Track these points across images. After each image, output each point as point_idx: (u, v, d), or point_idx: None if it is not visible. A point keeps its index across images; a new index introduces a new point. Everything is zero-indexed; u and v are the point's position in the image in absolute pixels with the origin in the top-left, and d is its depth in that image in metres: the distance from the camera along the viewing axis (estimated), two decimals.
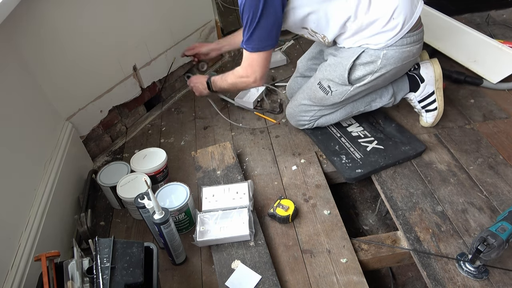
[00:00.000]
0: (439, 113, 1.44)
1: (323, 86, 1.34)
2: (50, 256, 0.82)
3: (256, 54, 1.24)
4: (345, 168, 1.34)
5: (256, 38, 1.19)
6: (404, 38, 1.20)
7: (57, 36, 1.22)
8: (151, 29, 1.57)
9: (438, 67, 1.39)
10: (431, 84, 1.39)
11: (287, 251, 1.13)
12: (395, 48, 1.21)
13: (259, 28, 1.16)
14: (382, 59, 1.22)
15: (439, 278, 1.03)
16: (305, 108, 1.43)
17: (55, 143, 1.26)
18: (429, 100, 1.42)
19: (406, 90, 1.43)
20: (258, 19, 1.14)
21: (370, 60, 1.23)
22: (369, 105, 1.43)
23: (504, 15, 2.20)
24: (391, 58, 1.22)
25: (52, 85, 1.25)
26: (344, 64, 1.26)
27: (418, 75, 1.40)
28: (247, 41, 1.21)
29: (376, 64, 1.23)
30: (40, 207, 1.09)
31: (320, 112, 1.42)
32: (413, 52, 1.25)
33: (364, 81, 1.28)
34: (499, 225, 0.98)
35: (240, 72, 1.33)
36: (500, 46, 1.65)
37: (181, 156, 1.51)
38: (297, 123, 1.49)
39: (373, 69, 1.24)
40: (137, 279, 0.77)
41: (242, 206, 1.19)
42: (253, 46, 1.22)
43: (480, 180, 1.29)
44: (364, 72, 1.25)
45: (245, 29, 1.19)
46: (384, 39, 1.19)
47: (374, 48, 1.21)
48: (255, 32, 1.17)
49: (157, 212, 0.96)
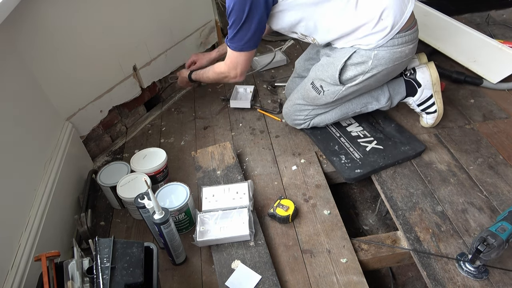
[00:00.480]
0: (439, 115, 1.44)
1: (315, 86, 1.35)
2: (50, 256, 0.82)
3: (238, 53, 1.32)
4: (344, 168, 1.34)
5: (240, 39, 1.26)
6: (395, 39, 1.20)
7: (57, 36, 1.22)
8: (151, 29, 1.57)
9: (434, 71, 1.38)
10: (428, 88, 1.39)
11: (287, 251, 1.13)
12: (386, 48, 1.21)
13: (243, 30, 1.23)
14: (373, 59, 1.22)
15: (439, 278, 1.03)
16: (299, 107, 1.44)
17: (55, 143, 1.26)
18: (428, 103, 1.42)
19: (403, 94, 1.43)
20: (243, 21, 1.20)
21: (361, 60, 1.24)
22: (365, 107, 1.43)
23: (504, 15, 2.20)
24: (382, 58, 1.22)
25: (52, 85, 1.25)
26: (336, 64, 1.27)
27: (415, 80, 1.40)
28: (231, 40, 1.28)
29: (367, 64, 1.23)
30: (40, 207, 1.09)
31: (314, 111, 1.43)
32: (405, 53, 1.24)
33: (355, 81, 1.28)
34: (499, 225, 0.98)
35: (222, 68, 1.42)
36: (500, 46, 1.65)
37: (181, 156, 1.51)
38: (293, 122, 1.50)
39: (364, 70, 1.25)
40: (137, 279, 0.77)
41: (242, 206, 1.19)
42: (236, 45, 1.29)
43: (480, 180, 1.29)
44: (356, 73, 1.26)
45: (230, 28, 1.25)
46: (374, 39, 1.20)
47: (365, 48, 1.22)
48: (239, 33, 1.24)
49: (157, 212, 0.96)
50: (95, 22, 1.33)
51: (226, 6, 1.20)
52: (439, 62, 1.80)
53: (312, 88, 1.37)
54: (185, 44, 1.76)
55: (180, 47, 1.74)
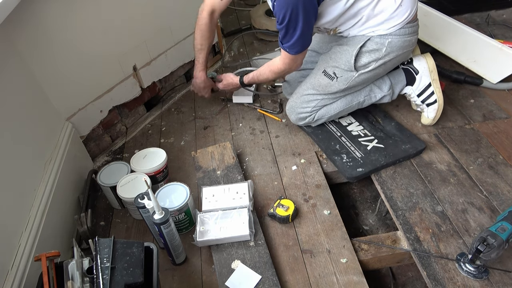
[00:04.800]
0: (440, 106, 1.45)
1: (327, 73, 1.38)
2: (50, 256, 0.82)
3: (299, 54, 1.30)
4: (346, 167, 1.34)
5: (299, 43, 1.24)
6: (406, 28, 1.27)
7: (57, 36, 1.22)
8: (151, 29, 1.57)
9: (430, 59, 1.44)
10: (426, 75, 1.44)
11: (287, 251, 1.13)
12: (398, 37, 1.27)
13: (301, 35, 1.20)
14: (387, 46, 1.28)
15: (439, 278, 1.03)
16: (307, 98, 1.44)
17: (55, 143, 1.26)
18: (427, 92, 1.45)
19: (403, 82, 1.47)
20: (301, 27, 1.17)
21: (376, 47, 1.29)
22: (368, 96, 1.46)
23: (504, 15, 2.20)
24: (395, 46, 1.28)
25: (52, 85, 1.25)
26: (351, 51, 1.31)
27: (412, 67, 1.45)
28: (291, 46, 1.25)
29: (381, 51, 1.29)
30: (40, 207, 1.09)
31: (323, 101, 1.44)
32: (412, 42, 1.32)
33: (368, 68, 1.33)
34: (499, 225, 0.98)
35: (281, 66, 1.37)
36: (500, 46, 1.65)
37: (181, 156, 1.51)
38: (297, 116, 1.48)
39: (378, 56, 1.30)
40: (137, 279, 0.77)
41: (242, 206, 1.19)
42: (297, 50, 1.27)
43: (480, 180, 1.29)
44: (370, 59, 1.31)
45: (286, 35, 1.21)
46: (390, 25, 1.25)
47: (379, 34, 1.27)
48: (299, 39, 1.21)
49: (157, 212, 0.96)
50: (95, 22, 1.33)
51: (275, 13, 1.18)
52: (439, 62, 1.80)
53: (325, 76, 1.39)
54: (185, 44, 1.76)
55: (180, 47, 1.74)
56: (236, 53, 2.12)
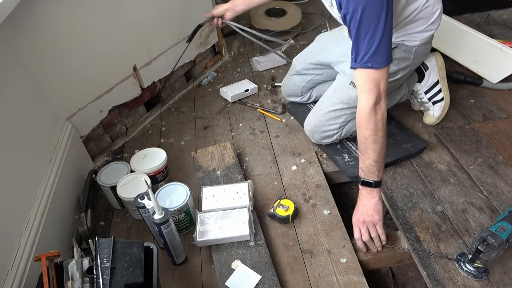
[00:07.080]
0: (446, 104, 1.45)
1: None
2: (50, 256, 0.82)
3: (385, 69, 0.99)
4: (348, 167, 1.34)
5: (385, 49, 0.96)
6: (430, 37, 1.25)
7: (57, 36, 1.21)
8: (151, 29, 1.57)
9: (440, 57, 1.44)
10: (434, 71, 1.42)
11: (287, 251, 1.13)
12: (424, 45, 1.25)
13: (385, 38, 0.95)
14: (414, 54, 1.24)
15: (439, 278, 1.03)
16: (335, 114, 1.31)
17: (55, 143, 1.26)
18: (434, 90, 1.44)
19: (416, 79, 1.46)
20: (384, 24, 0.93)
21: (405, 56, 1.24)
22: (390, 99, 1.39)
23: (504, 15, 2.20)
24: (419, 54, 1.26)
25: (52, 85, 1.25)
26: None
27: (422, 63, 1.43)
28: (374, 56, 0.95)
29: (409, 60, 1.25)
30: (40, 207, 1.09)
31: (352, 115, 1.30)
32: (429, 49, 1.31)
33: (397, 76, 1.28)
34: (499, 225, 0.98)
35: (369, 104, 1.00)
36: (500, 46, 1.65)
37: (181, 156, 1.50)
38: (322, 135, 1.35)
39: (406, 65, 1.26)
40: (137, 279, 0.77)
41: (242, 206, 1.19)
42: (382, 59, 0.97)
43: (480, 180, 1.29)
44: (398, 67, 1.26)
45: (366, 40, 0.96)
46: (423, 36, 1.21)
47: (408, 44, 1.23)
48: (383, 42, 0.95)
49: (157, 212, 0.96)
50: (95, 22, 1.33)
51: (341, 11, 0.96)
52: None
53: (354, 87, 1.25)
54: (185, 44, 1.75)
55: (180, 47, 1.74)
56: (236, 53, 2.12)
